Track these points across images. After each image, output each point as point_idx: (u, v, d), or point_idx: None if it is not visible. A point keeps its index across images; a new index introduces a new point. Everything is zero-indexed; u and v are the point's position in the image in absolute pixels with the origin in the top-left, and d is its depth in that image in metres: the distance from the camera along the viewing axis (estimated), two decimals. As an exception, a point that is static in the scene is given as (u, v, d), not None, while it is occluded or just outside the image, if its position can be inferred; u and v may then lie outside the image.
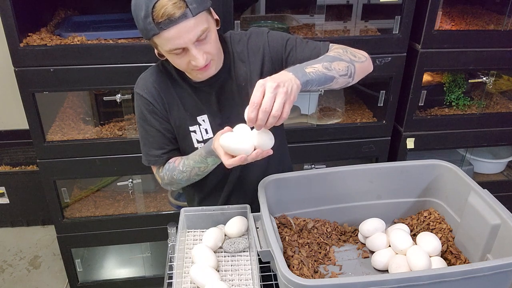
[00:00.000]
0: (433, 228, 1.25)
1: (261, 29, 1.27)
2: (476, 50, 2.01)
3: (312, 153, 2.12)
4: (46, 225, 2.86)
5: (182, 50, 1.07)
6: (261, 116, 0.94)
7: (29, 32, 1.79)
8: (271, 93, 0.93)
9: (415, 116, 2.13)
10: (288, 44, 1.23)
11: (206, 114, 1.25)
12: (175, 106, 1.24)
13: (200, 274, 1.05)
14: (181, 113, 1.25)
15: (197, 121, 1.25)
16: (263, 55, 1.24)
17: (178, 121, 1.25)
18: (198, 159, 1.19)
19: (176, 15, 1.00)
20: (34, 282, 2.46)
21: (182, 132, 1.26)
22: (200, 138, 1.27)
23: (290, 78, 0.98)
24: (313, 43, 1.22)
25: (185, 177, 1.24)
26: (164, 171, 1.28)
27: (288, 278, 0.88)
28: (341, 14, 2.14)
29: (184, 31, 1.03)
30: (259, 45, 1.24)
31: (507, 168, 2.60)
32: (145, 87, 1.23)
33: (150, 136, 1.26)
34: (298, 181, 1.22)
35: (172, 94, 1.24)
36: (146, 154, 1.30)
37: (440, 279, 0.91)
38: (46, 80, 1.77)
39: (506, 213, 1.04)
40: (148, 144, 1.28)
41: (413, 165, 1.27)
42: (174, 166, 1.25)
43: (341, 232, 1.28)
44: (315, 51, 1.20)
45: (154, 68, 1.26)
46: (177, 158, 1.27)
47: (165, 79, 1.24)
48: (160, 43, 1.06)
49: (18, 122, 2.68)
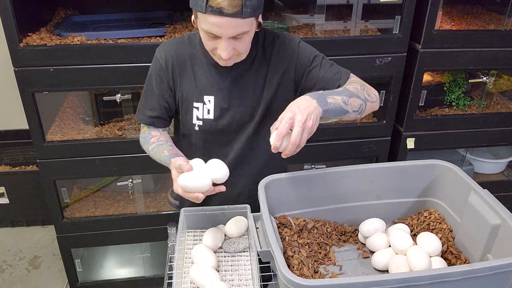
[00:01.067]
0: (433, 228, 1.25)
1: (293, 36, 1.32)
2: (476, 50, 2.01)
3: (312, 153, 2.12)
4: (46, 225, 2.86)
5: (214, 36, 1.10)
6: (290, 148, 1.04)
7: (29, 32, 1.79)
8: (300, 127, 1.03)
9: (415, 116, 2.13)
10: (315, 60, 1.29)
11: (213, 96, 1.28)
12: (187, 80, 1.28)
13: (200, 274, 1.05)
14: (191, 87, 1.28)
15: (203, 100, 1.28)
16: (289, 62, 1.28)
17: (186, 94, 1.29)
18: (161, 159, 1.24)
19: (228, 11, 1.04)
20: (34, 282, 2.46)
21: (186, 105, 1.30)
22: (201, 116, 1.29)
23: (315, 107, 1.07)
24: (337, 67, 1.30)
25: (152, 156, 1.29)
26: (142, 135, 1.34)
27: (288, 278, 0.88)
28: (341, 14, 2.14)
29: (227, 25, 1.07)
30: (288, 51, 1.28)
31: (507, 168, 2.60)
32: (165, 53, 1.28)
33: (148, 95, 1.32)
34: (298, 181, 1.22)
35: (189, 68, 1.28)
36: (138, 110, 1.35)
37: (440, 279, 0.91)
38: (46, 80, 1.77)
39: (506, 213, 1.04)
40: (143, 102, 1.34)
41: (413, 165, 1.27)
42: (149, 142, 1.30)
43: (341, 232, 1.28)
44: (337, 76, 1.27)
45: (180, 38, 1.31)
46: (155, 136, 1.31)
47: (187, 52, 1.28)
48: (201, 19, 1.10)
49: (18, 122, 2.67)
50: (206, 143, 1.34)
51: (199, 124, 1.30)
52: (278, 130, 1.03)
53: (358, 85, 1.24)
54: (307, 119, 1.04)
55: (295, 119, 1.03)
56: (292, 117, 1.03)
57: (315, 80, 1.28)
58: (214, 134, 1.32)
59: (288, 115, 1.04)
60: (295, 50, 1.28)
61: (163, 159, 1.22)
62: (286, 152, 1.06)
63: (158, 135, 1.31)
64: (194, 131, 1.33)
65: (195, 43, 1.28)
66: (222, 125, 1.30)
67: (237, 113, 1.29)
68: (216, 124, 1.30)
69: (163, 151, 1.23)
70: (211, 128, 1.30)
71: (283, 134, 1.03)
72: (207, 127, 1.30)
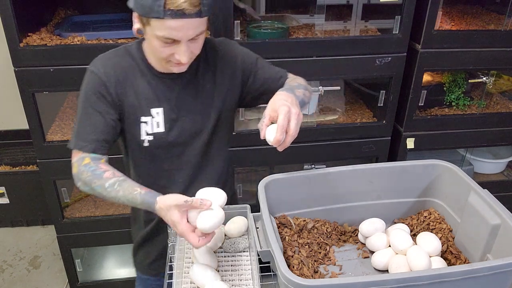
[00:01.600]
0: (433, 228, 1.25)
1: (231, 40, 1.33)
2: (476, 50, 2.01)
3: (312, 153, 2.12)
4: (46, 225, 2.86)
5: (172, 41, 1.07)
6: (288, 140, 1.06)
7: (29, 32, 1.79)
8: (296, 119, 1.06)
9: (415, 116, 2.13)
10: (258, 62, 1.31)
11: (162, 108, 1.22)
12: (131, 94, 1.20)
13: (200, 274, 1.05)
14: (135, 101, 1.20)
15: (151, 113, 1.22)
16: (235, 67, 1.28)
17: (132, 109, 1.21)
18: (130, 198, 1.08)
19: (190, 11, 1.03)
20: (34, 282, 2.46)
21: (132, 121, 1.22)
22: (150, 131, 1.23)
23: (295, 100, 1.12)
24: (274, 67, 1.34)
25: (104, 196, 1.11)
26: (87, 169, 1.13)
27: (288, 278, 0.88)
28: (341, 14, 2.14)
29: (187, 27, 1.05)
30: (232, 56, 1.28)
31: (507, 168, 2.60)
32: (103, 67, 1.18)
33: (87, 118, 1.17)
34: (298, 181, 1.22)
35: (131, 80, 1.20)
36: (76, 137, 1.17)
37: (440, 279, 0.91)
38: (46, 80, 1.77)
39: (506, 213, 1.04)
40: (81, 127, 1.18)
41: (413, 165, 1.27)
42: (101, 176, 1.11)
43: (341, 232, 1.28)
44: (278, 74, 1.32)
45: (117, 51, 1.23)
46: (108, 170, 1.13)
47: (127, 64, 1.20)
48: (156, 26, 1.05)
49: (18, 122, 2.67)
50: (156, 159, 1.27)
51: (149, 139, 1.23)
52: (279, 124, 1.04)
53: (300, 79, 1.31)
54: (299, 112, 1.08)
55: (291, 112, 1.06)
56: (289, 111, 1.06)
57: (261, 81, 1.31)
58: (165, 148, 1.25)
59: (284, 109, 1.05)
60: (238, 54, 1.29)
61: (138, 198, 1.07)
62: (285, 144, 1.07)
63: (110, 170, 1.13)
64: (142, 148, 1.24)
65: (134, 54, 1.21)
66: (173, 137, 1.25)
67: (187, 123, 1.25)
68: (167, 136, 1.24)
69: (133, 188, 1.08)
70: (162, 141, 1.24)
71: (285, 127, 1.05)
72: (158, 141, 1.23)
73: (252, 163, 2.14)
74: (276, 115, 1.09)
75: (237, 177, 2.17)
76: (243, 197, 2.21)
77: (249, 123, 2.07)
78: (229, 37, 1.79)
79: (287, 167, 2.26)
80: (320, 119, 2.12)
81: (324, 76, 1.98)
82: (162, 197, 1.05)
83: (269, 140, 1.08)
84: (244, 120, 2.06)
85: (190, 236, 1.00)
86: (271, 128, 1.09)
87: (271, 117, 1.10)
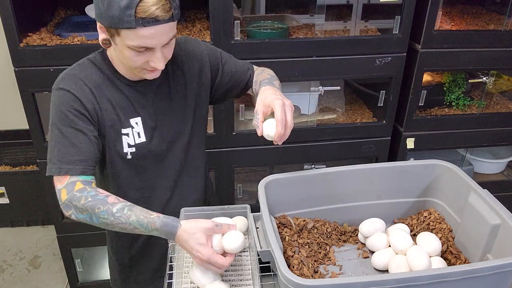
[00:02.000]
0: (433, 228, 1.25)
1: (193, 38, 1.30)
2: (476, 50, 2.01)
3: (312, 153, 2.12)
4: (46, 225, 2.86)
5: (145, 49, 1.03)
6: (287, 132, 1.09)
7: (29, 32, 1.79)
8: (290, 111, 1.09)
9: (415, 116, 2.13)
10: (223, 56, 1.31)
11: (139, 117, 1.18)
12: (108, 107, 1.14)
13: (200, 274, 1.05)
14: (113, 113, 1.15)
15: (130, 124, 1.17)
16: (202, 63, 1.26)
17: (110, 122, 1.15)
18: (145, 222, 1.02)
19: (164, 17, 0.99)
20: (34, 282, 2.46)
21: (114, 135, 1.16)
22: (132, 142, 1.18)
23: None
24: (239, 60, 1.34)
25: (108, 223, 1.03)
26: (85, 194, 1.04)
27: (288, 278, 0.88)
28: (341, 14, 2.14)
29: (160, 33, 1.01)
30: (197, 52, 1.26)
31: (507, 168, 2.60)
32: (74, 83, 1.10)
33: (67, 138, 1.07)
34: (298, 181, 1.22)
35: (105, 93, 1.14)
36: (58, 160, 1.06)
37: (440, 279, 0.91)
38: (46, 80, 1.77)
39: (506, 213, 1.04)
40: (64, 149, 1.07)
41: (413, 165, 1.27)
42: (105, 201, 1.03)
43: (341, 232, 1.28)
44: (245, 66, 1.33)
45: (81, 65, 1.15)
46: (110, 195, 1.06)
47: (97, 76, 1.14)
48: (127, 36, 1.00)
49: (18, 122, 2.67)
50: (139, 169, 1.23)
51: (132, 151, 1.18)
52: (278, 118, 1.06)
53: (269, 70, 1.32)
54: (291, 103, 1.10)
55: (285, 104, 1.09)
56: (283, 104, 1.08)
57: (229, 75, 1.30)
58: (148, 157, 1.22)
59: (279, 102, 1.08)
60: (203, 50, 1.27)
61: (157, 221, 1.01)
62: (285, 137, 1.09)
63: (110, 194, 1.06)
64: (125, 161, 1.19)
65: (100, 66, 1.15)
66: (155, 145, 1.21)
67: (166, 128, 1.22)
68: (150, 146, 1.20)
69: (148, 213, 1.03)
70: (145, 151, 1.20)
71: (284, 121, 1.07)
72: (141, 151, 1.19)
73: (252, 163, 2.14)
74: (268, 110, 1.10)
75: (237, 177, 2.17)
76: (243, 197, 2.21)
77: (249, 123, 2.07)
78: (229, 37, 1.79)
79: (287, 167, 2.26)
80: (318, 118, 2.13)
81: (324, 76, 1.98)
82: (186, 220, 1.03)
83: (269, 135, 1.09)
84: (244, 120, 2.06)
85: (218, 257, 1.01)
86: (268, 123, 1.10)
87: (264, 113, 1.11)
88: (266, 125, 1.10)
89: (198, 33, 1.87)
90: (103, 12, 0.99)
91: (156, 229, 1.02)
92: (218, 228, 1.03)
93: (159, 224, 1.02)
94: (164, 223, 1.02)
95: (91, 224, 1.06)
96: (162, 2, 0.98)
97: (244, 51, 1.82)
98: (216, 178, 2.07)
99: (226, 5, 1.74)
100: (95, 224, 1.06)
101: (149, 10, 0.97)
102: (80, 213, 1.05)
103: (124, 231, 1.05)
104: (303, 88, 2.10)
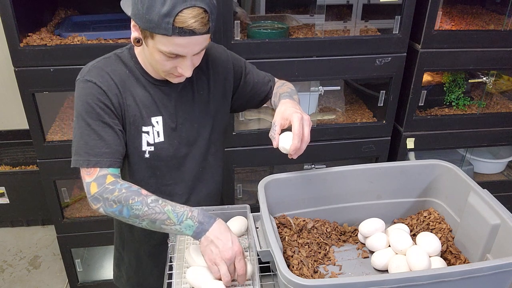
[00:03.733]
0: (433, 228, 1.25)
1: (219, 45, 1.30)
2: (476, 50, 2.01)
3: (312, 153, 2.12)
4: (46, 225, 2.86)
5: (176, 56, 1.04)
6: (303, 146, 1.11)
7: (29, 32, 1.79)
8: (308, 126, 1.11)
9: (415, 116, 2.13)
10: (246, 65, 1.32)
11: (161, 116, 1.18)
12: (131, 103, 1.14)
13: (196, 276, 1.05)
14: (136, 110, 1.15)
15: (151, 122, 1.17)
16: (227, 71, 1.26)
17: (132, 119, 1.15)
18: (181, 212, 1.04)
19: (201, 31, 0.99)
20: (34, 282, 2.46)
21: (134, 132, 1.16)
22: (152, 141, 1.18)
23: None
24: (262, 72, 1.36)
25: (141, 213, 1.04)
26: (119, 187, 1.05)
27: (288, 278, 0.88)
28: (341, 14, 2.14)
29: (194, 43, 1.02)
30: (223, 60, 1.26)
31: (507, 168, 2.60)
32: (100, 76, 1.10)
33: (96, 133, 1.08)
34: (298, 181, 1.22)
35: (130, 88, 1.14)
36: (86, 152, 1.07)
37: (440, 279, 0.91)
38: (46, 80, 1.77)
39: (506, 213, 1.04)
40: (92, 142, 1.08)
41: (413, 165, 1.27)
42: (140, 193, 1.05)
43: (341, 232, 1.28)
44: (266, 78, 1.35)
45: (108, 59, 1.15)
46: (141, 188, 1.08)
47: (121, 71, 1.14)
48: (161, 41, 1.01)
49: (18, 122, 2.68)
50: (156, 171, 1.22)
51: (150, 150, 1.17)
52: (295, 132, 1.07)
53: (289, 84, 1.34)
54: (309, 118, 1.11)
55: (304, 119, 1.10)
56: (301, 118, 1.09)
57: (251, 85, 1.31)
58: (165, 159, 1.21)
59: (298, 116, 1.09)
60: (229, 58, 1.27)
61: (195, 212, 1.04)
62: (300, 151, 1.11)
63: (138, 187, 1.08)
64: (142, 160, 1.19)
65: (127, 62, 1.15)
66: (173, 147, 1.20)
67: (185, 131, 1.21)
68: (168, 146, 1.19)
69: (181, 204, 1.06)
70: (163, 152, 1.19)
71: (301, 135, 1.08)
72: (159, 151, 1.19)
73: (252, 163, 2.14)
74: (286, 123, 1.12)
75: (237, 177, 2.17)
76: (243, 197, 2.21)
77: (249, 123, 2.07)
78: (229, 37, 1.79)
79: (287, 167, 2.26)
80: (318, 118, 2.13)
81: (324, 76, 1.98)
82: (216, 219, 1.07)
83: (285, 148, 1.11)
84: (244, 120, 2.06)
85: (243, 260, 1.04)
86: (284, 136, 1.11)
87: (282, 125, 1.12)
88: (283, 138, 1.11)
89: (198, 33, 1.87)
90: (141, 14, 0.99)
91: (192, 217, 1.04)
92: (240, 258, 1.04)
93: (196, 212, 1.05)
94: (202, 215, 1.05)
95: (119, 218, 1.07)
96: (201, 16, 0.98)
97: (244, 51, 1.82)
98: (216, 178, 2.08)
99: (226, 5, 1.74)
100: (124, 217, 1.06)
101: (188, 22, 0.97)
102: (110, 207, 1.05)
103: (150, 227, 1.06)
104: (303, 88, 2.10)
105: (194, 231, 1.04)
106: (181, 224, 1.04)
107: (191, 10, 0.97)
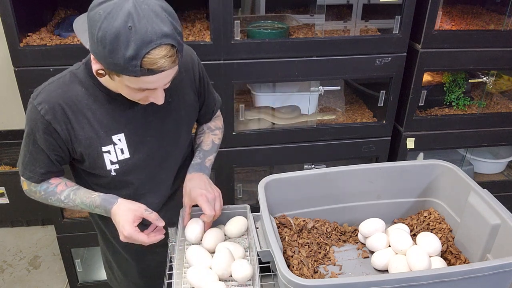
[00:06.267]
0: (433, 228, 1.25)
1: (189, 48, 1.24)
2: (476, 50, 2.01)
3: (312, 153, 2.12)
4: (46, 225, 2.86)
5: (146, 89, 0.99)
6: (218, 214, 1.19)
7: (29, 32, 1.79)
8: (218, 201, 1.18)
9: (415, 116, 2.13)
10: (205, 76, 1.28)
11: (123, 133, 1.13)
12: (85, 125, 1.09)
13: (198, 276, 1.05)
14: (92, 132, 1.10)
15: (112, 141, 1.12)
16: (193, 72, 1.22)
17: (88, 141, 1.10)
18: (88, 202, 1.14)
19: (170, 67, 0.94)
20: (34, 282, 2.46)
21: (93, 153, 1.12)
22: (115, 159, 1.14)
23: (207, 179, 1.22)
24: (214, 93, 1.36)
25: (62, 206, 1.18)
26: (39, 188, 1.17)
27: (288, 278, 0.88)
28: (341, 14, 2.14)
29: (164, 77, 0.97)
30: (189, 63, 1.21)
31: (507, 168, 2.60)
32: (47, 100, 1.07)
33: (32, 153, 1.13)
34: (298, 181, 1.22)
35: (83, 110, 1.09)
36: (24, 166, 1.16)
37: (440, 279, 0.91)
38: (46, 80, 1.76)
39: (506, 213, 1.04)
40: (28, 159, 1.14)
41: (413, 165, 1.27)
42: (55, 191, 1.16)
43: (341, 232, 1.28)
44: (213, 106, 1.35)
45: (62, 78, 1.10)
46: (60, 183, 1.17)
47: (75, 93, 1.08)
48: (130, 80, 0.95)
49: (18, 122, 2.67)
50: (128, 184, 1.20)
51: (115, 168, 1.15)
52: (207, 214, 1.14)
53: (219, 123, 1.39)
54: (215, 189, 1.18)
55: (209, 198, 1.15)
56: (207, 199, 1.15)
57: (202, 100, 1.29)
58: (134, 173, 1.18)
59: (203, 199, 1.14)
60: (194, 61, 1.22)
61: (97, 200, 1.12)
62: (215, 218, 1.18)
63: (61, 181, 1.17)
64: (110, 177, 1.17)
65: (83, 79, 1.09)
66: (141, 160, 1.17)
67: (156, 142, 1.18)
68: (136, 161, 1.16)
69: (90, 193, 1.14)
70: (130, 168, 1.16)
71: (213, 214, 1.15)
72: (125, 168, 1.16)
73: (252, 163, 2.14)
74: (193, 203, 1.16)
75: (237, 177, 2.17)
76: (243, 197, 2.21)
77: (249, 123, 2.07)
78: (229, 37, 1.79)
79: (287, 167, 2.26)
80: (318, 118, 2.13)
81: (324, 76, 1.98)
82: (123, 200, 1.13)
83: (190, 239, 1.16)
84: (244, 120, 2.06)
85: (139, 235, 1.08)
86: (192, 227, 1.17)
87: (190, 206, 1.18)
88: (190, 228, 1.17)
89: (198, 33, 1.87)
90: (104, 55, 0.92)
91: (97, 206, 1.13)
92: (147, 214, 1.10)
93: (99, 201, 1.13)
94: (103, 199, 1.13)
95: None
96: (170, 53, 0.92)
97: (244, 51, 1.82)
98: (216, 178, 2.07)
99: (226, 5, 1.74)
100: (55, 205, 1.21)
101: (157, 63, 0.91)
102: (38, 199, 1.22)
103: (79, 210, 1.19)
104: (303, 88, 2.10)
105: (104, 214, 1.15)
106: (93, 210, 1.15)
107: (158, 50, 0.90)
